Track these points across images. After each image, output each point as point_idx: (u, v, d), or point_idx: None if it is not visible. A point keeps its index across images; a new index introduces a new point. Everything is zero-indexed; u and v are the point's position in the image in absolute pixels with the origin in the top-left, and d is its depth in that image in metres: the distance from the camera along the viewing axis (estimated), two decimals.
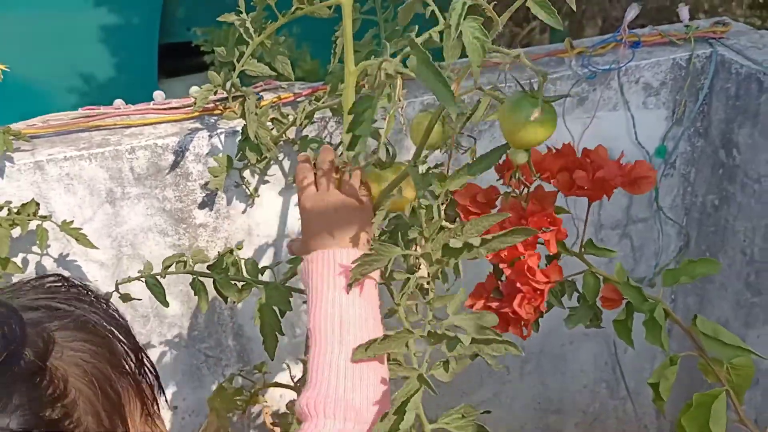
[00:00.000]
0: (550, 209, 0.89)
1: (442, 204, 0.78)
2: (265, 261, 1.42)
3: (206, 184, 1.32)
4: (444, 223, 0.75)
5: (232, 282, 1.11)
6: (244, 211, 1.37)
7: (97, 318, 0.52)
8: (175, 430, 1.52)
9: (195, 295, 1.16)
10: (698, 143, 1.60)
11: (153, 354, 1.45)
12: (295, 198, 1.39)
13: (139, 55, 3.43)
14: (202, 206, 1.35)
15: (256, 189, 1.35)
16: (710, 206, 1.63)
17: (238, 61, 1.15)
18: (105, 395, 0.49)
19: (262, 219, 1.39)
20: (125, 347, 0.54)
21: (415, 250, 0.79)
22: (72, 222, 1.20)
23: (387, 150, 0.90)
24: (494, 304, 0.88)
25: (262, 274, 1.15)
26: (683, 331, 0.95)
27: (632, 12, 1.49)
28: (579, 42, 1.58)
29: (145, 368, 0.56)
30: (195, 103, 1.27)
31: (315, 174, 0.87)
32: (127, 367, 0.53)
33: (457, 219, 0.96)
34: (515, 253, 0.86)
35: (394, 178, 0.83)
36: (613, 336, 1.44)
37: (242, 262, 1.15)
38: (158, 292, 1.14)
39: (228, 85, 1.20)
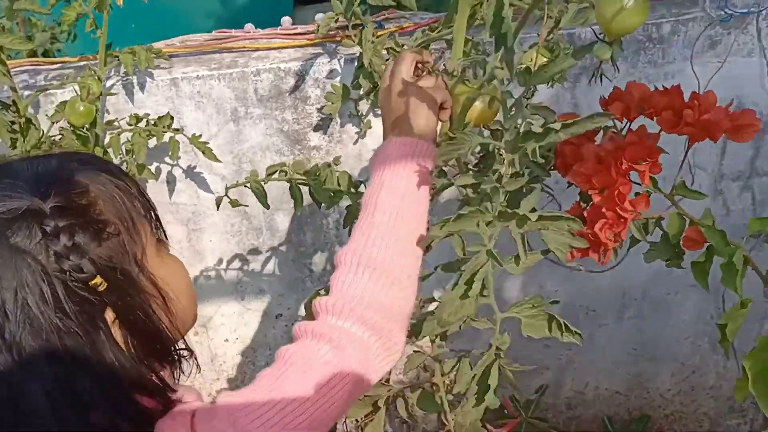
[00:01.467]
0: (650, 141, 0.88)
1: (526, 98, 0.79)
2: None
3: (322, 107, 1.38)
4: (526, 112, 0.76)
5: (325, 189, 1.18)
6: (355, 137, 1.43)
7: (98, 167, 0.68)
8: (279, 335, 1.65)
9: (291, 198, 1.24)
10: None
11: (263, 263, 1.56)
12: None
13: None
14: (317, 129, 1.41)
15: (368, 117, 1.40)
16: None
17: None
18: (120, 204, 0.66)
19: (372, 145, 1.44)
20: (133, 188, 0.69)
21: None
22: (200, 136, 1.30)
23: (476, 68, 0.92)
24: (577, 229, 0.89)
25: (356, 189, 1.21)
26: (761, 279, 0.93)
27: None
28: None
29: (152, 209, 0.71)
30: (317, 31, 1.32)
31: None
32: (137, 201, 0.68)
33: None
34: (608, 179, 0.86)
35: (481, 83, 0.85)
36: (723, 290, 1.41)
37: (337, 174, 1.21)
38: (260, 195, 1.25)
39: (349, 13, 1.23)
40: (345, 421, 1.52)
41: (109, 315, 0.63)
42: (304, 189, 1.25)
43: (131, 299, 0.64)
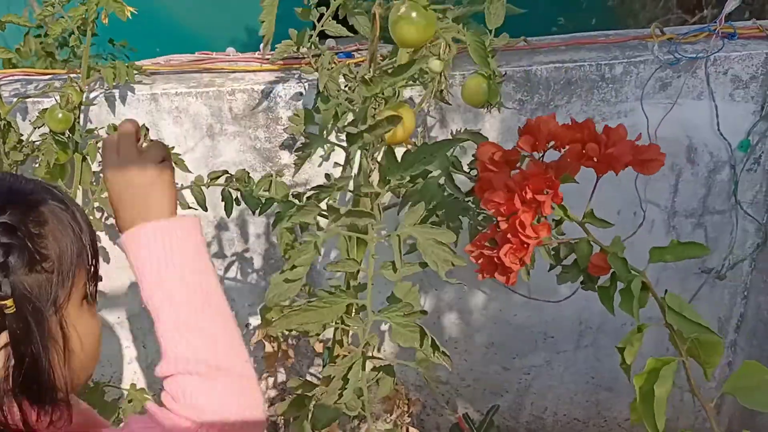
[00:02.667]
0: (551, 174, 0.94)
1: (372, 107, 0.86)
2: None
3: (286, 128, 1.47)
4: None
5: (256, 197, 1.26)
6: (323, 156, 1.51)
7: (66, 208, 0.72)
8: (246, 342, 1.72)
9: (222, 201, 1.32)
10: None
11: (234, 274, 1.64)
12: None
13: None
14: (287, 148, 1.50)
15: (332, 138, 1.49)
16: None
17: (318, 21, 1.27)
18: (68, 247, 0.69)
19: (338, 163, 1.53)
20: (86, 237, 0.72)
21: None
22: (173, 148, 1.39)
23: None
24: (487, 252, 0.95)
25: (299, 199, 1.28)
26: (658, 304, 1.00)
27: (732, 3, 1.48)
28: (675, 29, 1.58)
29: (95, 263, 0.74)
30: (273, 58, 1.42)
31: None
32: (84, 250, 0.72)
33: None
34: (513, 208, 0.93)
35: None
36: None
37: (275, 183, 1.27)
38: (200, 200, 1.33)
39: (306, 44, 1.32)
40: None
41: (2, 338, 0.66)
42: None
43: (30, 334, 0.66)
